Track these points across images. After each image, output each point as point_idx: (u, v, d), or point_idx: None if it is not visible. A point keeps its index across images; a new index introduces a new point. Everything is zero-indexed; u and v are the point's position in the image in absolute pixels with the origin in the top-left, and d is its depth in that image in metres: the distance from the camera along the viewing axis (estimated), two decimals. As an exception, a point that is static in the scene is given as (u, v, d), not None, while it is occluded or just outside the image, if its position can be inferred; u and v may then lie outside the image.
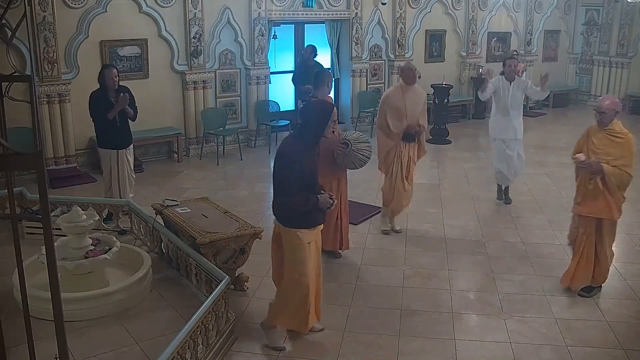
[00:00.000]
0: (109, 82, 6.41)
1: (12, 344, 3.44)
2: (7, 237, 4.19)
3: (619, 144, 4.94)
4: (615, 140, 4.96)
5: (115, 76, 6.45)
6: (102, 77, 6.46)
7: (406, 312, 4.93)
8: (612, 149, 4.95)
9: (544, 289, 5.34)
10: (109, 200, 6.51)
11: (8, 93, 2.95)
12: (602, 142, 5.02)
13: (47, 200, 2.17)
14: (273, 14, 10.32)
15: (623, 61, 14.26)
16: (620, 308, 5.06)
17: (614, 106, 5.07)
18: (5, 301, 4.67)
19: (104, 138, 6.63)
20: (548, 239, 6.53)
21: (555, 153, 10.32)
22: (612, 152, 4.93)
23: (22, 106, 4.88)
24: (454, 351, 4.39)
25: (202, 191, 7.66)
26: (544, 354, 4.37)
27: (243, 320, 4.73)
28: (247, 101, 10.41)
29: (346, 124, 11.56)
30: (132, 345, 4.30)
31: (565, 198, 7.87)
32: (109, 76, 6.41)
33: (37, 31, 8.11)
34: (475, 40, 13.29)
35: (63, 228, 4.87)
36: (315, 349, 4.40)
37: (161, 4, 9.19)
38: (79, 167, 8.80)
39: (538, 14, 14.30)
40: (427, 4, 12.34)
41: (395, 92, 6.45)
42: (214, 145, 9.80)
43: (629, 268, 5.82)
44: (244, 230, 5.12)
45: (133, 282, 4.85)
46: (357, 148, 5.41)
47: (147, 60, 9.24)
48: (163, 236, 5.56)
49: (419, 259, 6.01)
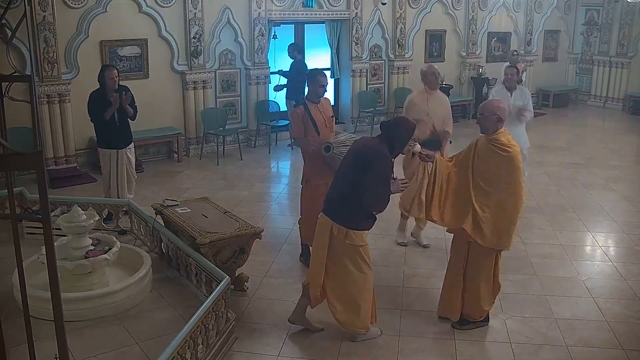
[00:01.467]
0: (109, 83, 6.40)
1: (12, 344, 3.43)
2: (7, 237, 4.18)
3: (503, 157, 4.27)
4: (498, 152, 4.28)
5: (116, 77, 6.45)
6: (102, 77, 6.46)
7: (406, 312, 4.94)
8: (493, 161, 4.30)
9: (544, 289, 5.34)
10: (109, 200, 6.51)
11: (8, 93, 2.95)
12: (484, 151, 4.37)
13: (47, 200, 2.17)
14: (273, 14, 10.32)
15: (623, 61, 14.26)
16: (620, 308, 5.06)
17: (495, 110, 4.36)
18: (5, 301, 4.66)
19: (104, 138, 6.63)
20: (548, 239, 6.53)
21: (555, 153, 10.32)
22: (492, 165, 4.30)
23: (22, 106, 4.86)
24: (453, 351, 4.40)
25: (202, 191, 7.67)
26: (544, 354, 4.37)
27: (243, 320, 4.73)
28: (247, 101, 10.41)
29: (346, 124, 11.56)
30: (132, 345, 4.29)
31: (566, 198, 7.89)
32: (109, 77, 6.40)
33: (37, 31, 8.11)
34: (475, 40, 13.29)
35: (63, 228, 4.86)
36: (315, 349, 4.41)
37: (161, 4, 9.19)
38: (79, 167, 8.80)
39: (538, 14, 14.30)
40: (427, 4, 12.34)
41: (419, 98, 6.13)
42: (214, 145, 9.80)
43: (629, 268, 5.82)
44: (244, 230, 5.11)
45: (133, 282, 4.85)
46: (342, 151, 5.09)
47: (147, 60, 9.24)
48: (163, 236, 5.55)
49: (419, 259, 6.00)
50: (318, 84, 5.48)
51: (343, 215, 4.23)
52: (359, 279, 4.33)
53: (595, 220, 7.16)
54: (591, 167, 9.47)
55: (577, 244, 6.42)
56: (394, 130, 4.29)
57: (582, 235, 6.69)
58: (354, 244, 4.26)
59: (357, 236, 4.26)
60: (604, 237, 6.64)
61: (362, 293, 4.35)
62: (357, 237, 4.26)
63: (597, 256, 6.17)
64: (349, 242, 4.24)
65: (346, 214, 4.23)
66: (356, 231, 4.24)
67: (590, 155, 10.25)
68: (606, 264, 5.93)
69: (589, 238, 6.63)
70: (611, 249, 6.34)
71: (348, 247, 4.26)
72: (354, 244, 4.26)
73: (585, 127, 13.05)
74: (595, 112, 14.36)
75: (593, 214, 7.35)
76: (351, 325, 4.41)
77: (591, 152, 10.46)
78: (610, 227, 6.95)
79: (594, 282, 5.50)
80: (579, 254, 6.18)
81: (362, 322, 4.41)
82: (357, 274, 4.32)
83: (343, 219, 4.23)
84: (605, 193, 8.15)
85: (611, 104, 14.64)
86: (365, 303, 4.37)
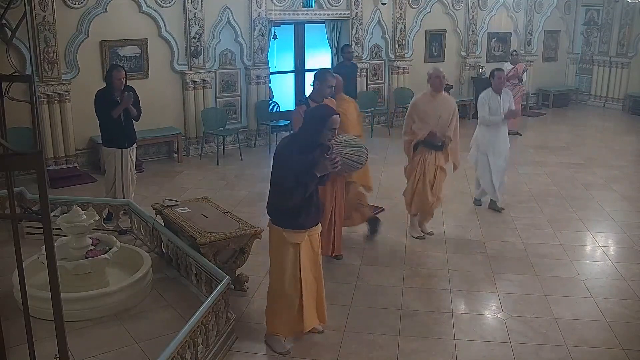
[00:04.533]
0: (116, 83, 6.42)
1: (12, 344, 3.44)
2: (7, 237, 4.19)
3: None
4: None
5: (123, 77, 6.46)
6: (110, 77, 6.47)
7: (406, 312, 4.93)
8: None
9: (544, 289, 5.34)
10: (109, 200, 6.51)
11: (8, 93, 2.95)
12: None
13: (47, 200, 2.17)
14: (273, 14, 10.32)
15: (623, 61, 14.27)
16: (620, 308, 5.05)
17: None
18: (5, 301, 4.67)
19: (109, 137, 6.63)
20: (548, 239, 6.53)
21: (555, 153, 10.32)
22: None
23: (22, 106, 4.88)
24: (454, 351, 4.39)
25: (202, 191, 7.67)
26: (544, 354, 4.37)
27: (243, 320, 4.73)
28: (247, 101, 10.41)
29: (346, 124, 11.55)
30: (132, 345, 4.30)
31: (566, 198, 7.89)
32: (117, 77, 6.42)
33: (37, 31, 8.12)
34: (475, 40, 13.30)
35: (63, 228, 4.87)
36: (316, 349, 4.40)
37: (161, 4, 9.19)
38: (79, 167, 8.80)
39: (538, 14, 14.30)
40: (427, 4, 12.34)
41: (423, 99, 6.18)
42: (214, 145, 9.80)
43: (629, 268, 5.82)
44: (244, 230, 5.11)
45: (133, 282, 4.85)
46: (341, 152, 5.10)
47: (147, 60, 9.24)
48: (163, 236, 5.56)
49: (419, 259, 6.00)
50: (327, 84, 5.43)
51: (268, 209, 4.24)
52: (272, 277, 4.33)
53: (595, 220, 7.16)
54: (591, 167, 9.46)
55: (577, 244, 6.42)
56: (305, 119, 4.22)
57: (582, 235, 6.69)
58: (271, 239, 4.24)
59: (274, 231, 4.21)
60: (604, 237, 6.64)
61: (271, 293, 4.35)
62: (274, 232, 4.21)
63: (597, 256, 6.17)
64: (271, 238, 4.24)
65: (269, 207, 4.23)
66: (274, 225, 4.19)
67: (590, 155, 10.25)
68: (606, 264, 5.93)
69: (589, 238, 6.63)
70: (611, 249, 6.33)
71: (270, 244, 4.27)
72: (271, 240, 4.25)
73: (585, 127, 13.05)
74: (595, 112, 14.36)
75: (593, 214, 7.35)
76: (267, 325, 4.40)
77: (591, 152, 10.46)
78: (610, 227, 6.94)
79: (594, 282, 5.50)
80: (579, 254, 6.18)
81: (269, 324, 4.39)
82: (272, 270, 4.32)
83: (269, 212, 4.24)
84: (605, 193, 8.15)
85: (611, 104, 14.64)
86: (273, 304, 4.32)
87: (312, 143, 4.06)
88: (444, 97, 6.26)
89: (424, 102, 6.15)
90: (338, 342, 4.46)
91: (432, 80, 6.16)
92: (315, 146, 4.07)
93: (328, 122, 4.03)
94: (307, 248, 4.23)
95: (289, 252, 4.16)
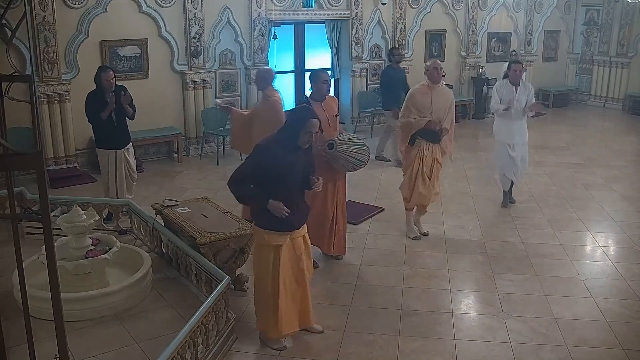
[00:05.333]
0: (105, 84, 6.38)
1: (12, 344, 3.44)
2: (7, 237, 4.18)
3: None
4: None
5: (112, 78, 6.42)
6: (99, 79, 6.44)
7: (406, 312, 4.93)
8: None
9: (544, 289, 5.34)
10: (109, 200, 6.51)
11: (8, 93, 2.95)
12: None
13: (47, 200, 2.17)
14: (273, 14, 10.32)
15: (623, 61, 14.26)
16: (620, 308, 5.05)
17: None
18: (5, 301, 4.67)
19: (102, 138, 6.63)
20: (548, 239, 6.53)
21: (555, 153, 10.32)
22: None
23: (22, 106, 4.87)
24: (454, 351, 4.39)
25: (202, 191, 7.67)
26: (544, 354, 4.37)
27: (243, 320, 4.73)
28: (247, 101, 10.41)
29: (346, 124, 11.55)
30: (132, 345, 4.30)
31: (566, 198, 7.89)
32: (105, 78, 6.38)
33: (37, 31, 8.11)
34: (475, 40, 13.29)
35: (63, 228, 4.87)
36: (316, 349, 4.40)
37: (161, 4, 9.19)
38: (79, 167, 8.80)
39: (538, 14, 14.29)
40: (427, 4, 12.34)
41: (421, 91, 6.21)
42: (214, 145, 9.80)
43: (629, 268, 5.82)
44: (244, 230, 5.11)
45: (133, 282, 4.85)
46: (345, 150, 5.20)
47: (147, 60, 9.24)
48: (163, 236, 5.56)
49: (419, 259, 6.00)
50: (321, 80, 5.44)
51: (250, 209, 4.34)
52: (255, 277, 4.37)
53: (595, 220, 7.16)
54: (591, 167, 9.46)
55: (577, 244, 6.42)
56: (286, 121, 4.27)
57: (582, 235, 6.69)
58: (254, 240, 4.38)
59: (255, 231, 4.30)
60: (604, 237, 6.64)
61: (255, 293, 4.40)
62: (256, 232, 4.30)
63: (597, 256, 6.17)
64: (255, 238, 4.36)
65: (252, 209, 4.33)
66: (257, 228, 4.24)
67: (590, 155, 10.25)
68: (606, 264, 5.93)
69: (589, 238, 6.63)
70: (611, 249, 6.33)
71: (254, 242, 4.39)
72: (254, 241, 4.37)
73: (585, 127, 13.04)
74: (595, 112, 14.36)
75: (593, 214, 7.35)
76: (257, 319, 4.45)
77: (591, 152, 10.45)
78: (610, 227, 6.94)
79: (594, 282, 5.50)
80: (579, 254, 6.17)
81: (257, 323, 4.42)
82: (255, 271, 4.36)
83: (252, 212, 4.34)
84: (605, 193, 8.14)
85: (611, 104, 14.64)
86: (257, 303, 4.37)
87: (289, 144, 4.08)
88: (442, 88, 6.30)
89: (422, 93, 6.19)
90: (338, 342, 4.46)
91: (429, 71, 6.20)
92: (293, 148, 4.08)
93: (306, 124, 4.05)
94: (288, 250, 4.22)
95: (270, 253, 4.18)
